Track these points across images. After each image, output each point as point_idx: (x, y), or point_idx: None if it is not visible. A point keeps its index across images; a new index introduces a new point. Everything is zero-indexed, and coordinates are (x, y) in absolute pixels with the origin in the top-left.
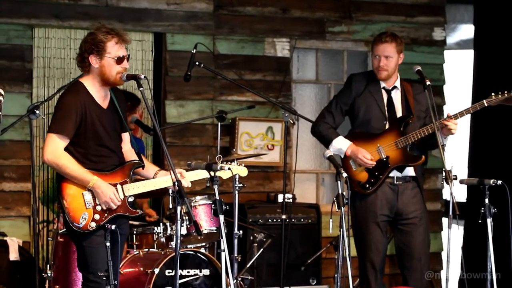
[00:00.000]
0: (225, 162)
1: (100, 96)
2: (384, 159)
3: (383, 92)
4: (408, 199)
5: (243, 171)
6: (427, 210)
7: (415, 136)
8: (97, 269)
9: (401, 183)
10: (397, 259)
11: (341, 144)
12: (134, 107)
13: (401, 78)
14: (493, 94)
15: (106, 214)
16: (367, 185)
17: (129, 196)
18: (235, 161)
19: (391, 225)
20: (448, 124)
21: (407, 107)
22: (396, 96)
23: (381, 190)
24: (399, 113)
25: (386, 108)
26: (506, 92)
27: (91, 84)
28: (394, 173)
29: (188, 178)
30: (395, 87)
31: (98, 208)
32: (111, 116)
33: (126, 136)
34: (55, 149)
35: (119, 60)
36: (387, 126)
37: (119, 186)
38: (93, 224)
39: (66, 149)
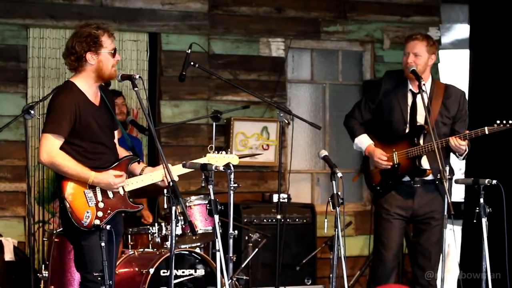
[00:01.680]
0: (216, 152)
1: (92, 93)
2: (396, 166)
3: (409, 95)
4: (424, 200)
5: (234, 159)
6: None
7: (424, 149)
8: (96, 269)
9: (419, 185)
10: (410, 256)
11: (361, 143)
12: None
13: (436, 80)
14: (497, 122)
15: (108, 211)
16: (378, 188)
17: (128, 191)
18: (228, 150)
19: (410, 224)
20: (451, 143)
21: (429, 113)
22: (421, 100)
23: (397, 190)
24: (421, 119)
25: (409, 112)
26: (510, 122)
27: (83, 83)
28: (408, 177)
29: (174, 172)
30: (422, 90)
31: (101, 205)
32: (103, 113)
33: (116, 134)
34: (51, 149)
35: (113, 53)
36: (407, 131)
37: None
38: (97, 222)
39: (62, 148)
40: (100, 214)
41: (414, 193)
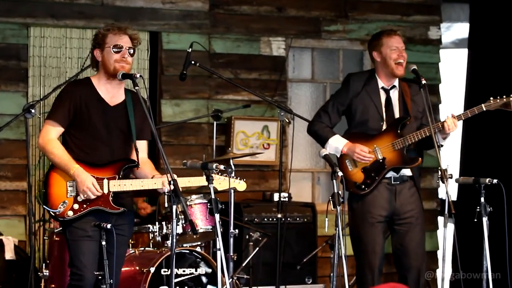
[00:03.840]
0: (224, 175)
1: (107, 92)
2: (381, 160)
3: (381, 92)
4: (405, 199)
5: (241, 186)
6: (424, 209)
7: (413, 138)
8: (79, 262)
9: (398, 183)
10: (394, 258)
11: (337, 143)
12: None
13: (399, 78)
14: (491, 98)
15: (85, 205)
16: (363, 186)
17: (113, 192)
18: (233, 175)
19: (389, 225)
20: (447, 122)
21: (404, 108)
22: (395, 96)
23: (378, 190)
24: (397, 114)
25: (384, 108)
26: (504, 96)
27: (97, 80)
28: (391, 174)
29: (179, 184)
30: (394, 86)
31: (79, 198)
32: (117, 115)
33: (142, 144)
34: (45, 135)
35: (116, 48)
36: (384, 127)
37: (105, 181)
38: (70, 213)
39: (63, 138)
40: (76, 206)
41: (395, 192)
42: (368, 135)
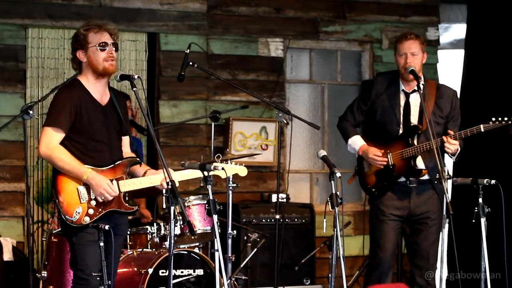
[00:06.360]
0: (225, 162)
1: (97, 92)
2: (391, 167)
3: (402, 95)
4: (421, 200)
5: (242, 171)
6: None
7: (419, 149)
8: (86, 267)
9: (415, 185)
10: (408, 256)
11: (355, 144)
12: None
13: (428, 79)
14: (492, 119)
15: (100, 209)
16: (373, 189)
17: (124, 192)
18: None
19: (408, 224)
20: (445, 145)
21: (421, 114)
22: (414, 100)
23: (392, 191)
24: (414, 119)
25: (402, 112)
26: (505, 119)
27: (86, 80)
28: (403, 178)
29: (175, 178)
30: (415, 90)
31: (93, 203)
32: (110, 113)
33: (126, 140)
34: (49, 142)
35: (102, 46)
36: (400, 131)
37: (114, 182)
38: (87, 219)
39: (63, 144)
40: (91, 211)
41: (410, 193)
42: (385, 138)
